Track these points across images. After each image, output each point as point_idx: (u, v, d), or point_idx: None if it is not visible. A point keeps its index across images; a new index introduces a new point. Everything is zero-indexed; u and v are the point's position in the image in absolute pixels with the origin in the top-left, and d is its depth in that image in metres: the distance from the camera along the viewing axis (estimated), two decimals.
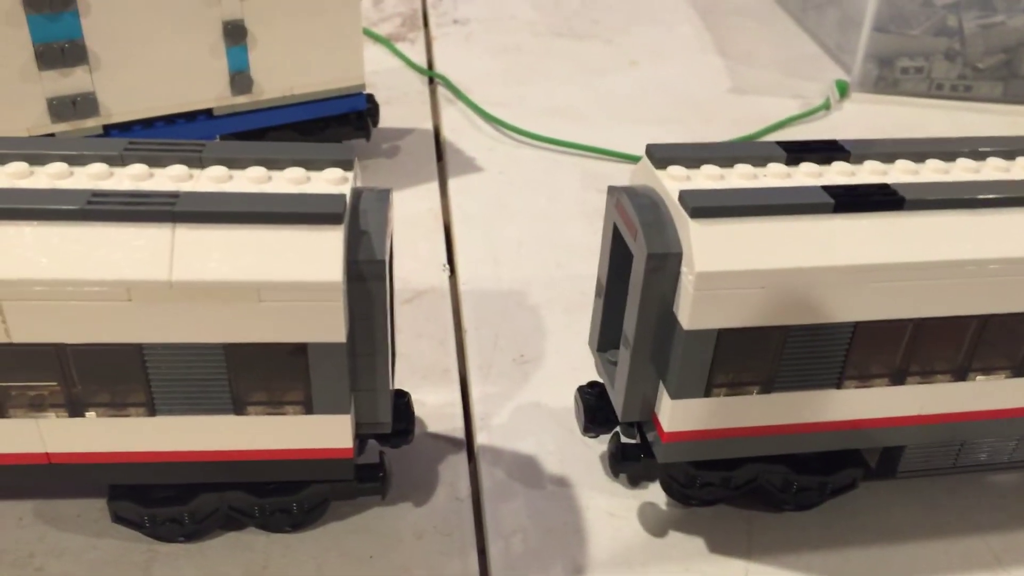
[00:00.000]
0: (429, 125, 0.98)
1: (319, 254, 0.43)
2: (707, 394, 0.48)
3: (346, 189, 0.45)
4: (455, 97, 1.03)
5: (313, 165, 0.47)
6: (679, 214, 0.46)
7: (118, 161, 0.46)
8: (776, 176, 0.48)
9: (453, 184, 0.88)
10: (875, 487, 0.57)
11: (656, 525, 0.55)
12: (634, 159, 0.93)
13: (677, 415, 0.48)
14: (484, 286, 0.74)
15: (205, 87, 0.79)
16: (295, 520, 0.52)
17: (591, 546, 0.53)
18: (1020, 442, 0.55)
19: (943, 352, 0.49)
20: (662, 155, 0.49)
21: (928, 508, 0.57)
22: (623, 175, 0.91)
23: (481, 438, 0.60)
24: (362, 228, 0.45)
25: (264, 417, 0.46)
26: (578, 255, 0.79)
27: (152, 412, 0.46)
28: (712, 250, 0.45)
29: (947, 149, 0.51)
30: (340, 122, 0.87)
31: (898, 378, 0.50)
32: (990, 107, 1.04)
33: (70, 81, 0.73)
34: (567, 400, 0.62)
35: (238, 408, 0.46)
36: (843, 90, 1.04)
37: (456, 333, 0.70)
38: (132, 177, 0.45)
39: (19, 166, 0.44)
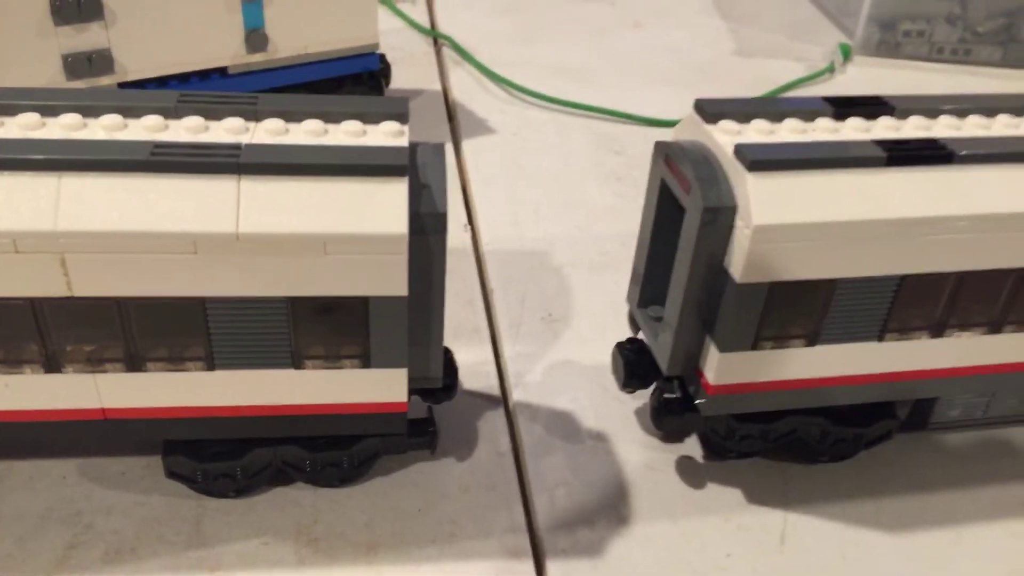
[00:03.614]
0: (438, 86, 0.98)
1: (384, 206, 0.43)
2: (754, 347, 0.49)
3: (404, 142, 0.45)
4: (462, 58, 1.02)
5: (369, 118, 0.46)
6: (734, 168, 0.46)
7: (172, 113, 0.45)
8: (824, 131, 0.49)
9: (467, 145, 0.88)
10: (903, 439, 0.58)
11: (694, 477, 0.56)
12: (645, 121, 0.93)
13: (723, 368, 0.49)
14: (506, 246, 0.75)
15: (220, 45, 0.78)
16: (344, 475, 0.52)
17: (632, 499, 0.54)
18: None
19: (981, 305, 0.51)
20: (712, 110, 0.49)
21: (954, 459, 0.58)
22: (635, 136, 0.91)
23: (517, 395, 0.61)
24: (422, 182, 0.45)
25: (322, 371, 0.46)
26: (596, 216, 0.79)
27: (211, 367, 0.46)
28: (770, 203, 0.45)
29: (987, 105, 0.52)
30: (354, 82, 0.86)
31: (937, 331, 0.51)
32: (990, 71, 1.05)
33: (86, 37, 0.72)
34: (597, 357, 0.63)
35: (296, 362, 0.46)
36: (847, 53, 1.05)
37: (482, 292, 0.70)
38: (188, 129, 0.44)
39: (73, 118, 0.44)
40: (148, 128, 0.44)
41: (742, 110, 0.49)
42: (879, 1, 1.04)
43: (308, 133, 0.45)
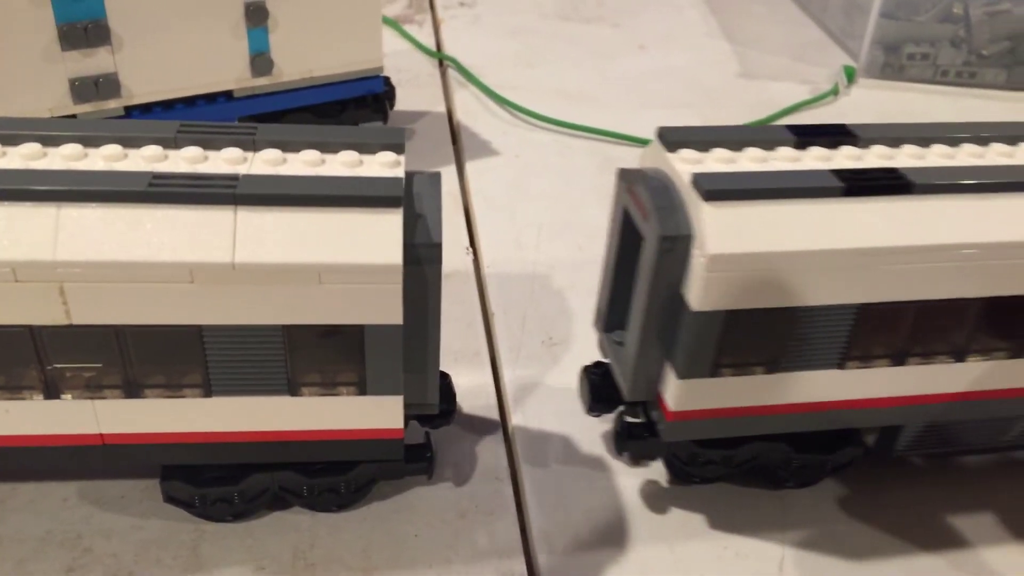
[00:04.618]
0: (442, 108, 0.98)
1: (379, 237, 0.43)
2: (713, 374, 0.49)
3: (400, 172, 0.46)
4: (466, 80, 1.03)
5: (366, 148, 0.47)
6: (691, 197, 0.46)
7: (172, 143, 0.46)
8: (785, 160, 0.49)
9: (470, 167, 0.89)
10: (913, 463, 0.58)
11: (693, 504, 0.56)
12: (648, 143, 0.93)
13: (682, 395, 0.49)
14: (508, 269, 0.75)
15: (226, 69, 0.79)
16: (342, 500, 0.52)
17: (630, 525, 0.54)
18: (1014, 423, 0.56)
19: (943, 334, 0.50)
20: (673, 138, 0.50)
21: (959, 483, 0.58)
22: (638, 159, 0.91)
23: (516, 419, 0.61)
24: (417, 211, 0.46)
25: (318, 398, 0.47)
26: (599, 239, 0.78)
27: (208, 393, 0.46)
28: (724, 232, 0.45)
29: (952, 134, 0.52)
30: (358, 104, 0.87)
31: (899, 359, 0.51)
32: (994, 94, 1.05)
33: (93, 62, 0.73)
34: None
35: (293, 389, 0.46)
36: (851, 76, 1.05)
37: (483, 316, 0.70)
38: (187, 160, 0.45)
39: (73, 148, 0.44)
40: (147, 158, 0.45)
41: (703, 138, 0.50)
42: (883, 24, 1.04)
43: (305, 163, 0.46)
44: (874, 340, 0.50)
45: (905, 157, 0.50)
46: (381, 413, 0.48)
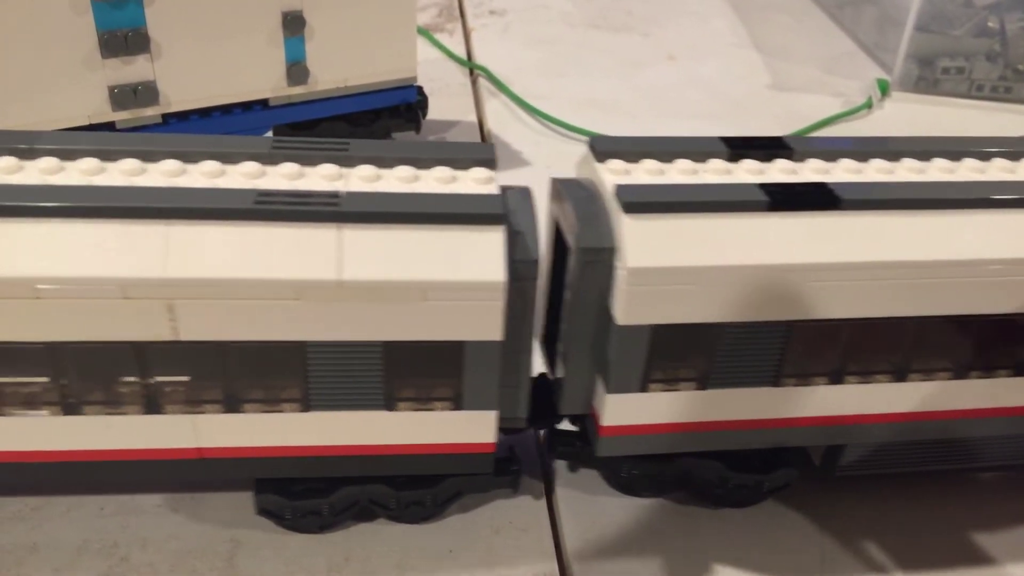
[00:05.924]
0: (473, 117, 0.98)
1: (483, 254, 0.42)
2: (643, 389, 0.48)
3: (495, 189, 0.45)
4: (497, 89, 1.02)
5: (458, 164, 0.46)
6: (614, 208, 0.45)
7: (267, 159, 0.45)
8: (716, 172, 0.48)
9: (501, 178, 0.87)
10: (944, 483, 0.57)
11: (733, 526, 0.54)
12: None
13: (613, 409, 0.48)
14: (541, 282, 0.74)
15: (262, 77, 0.78)
16: (427, 512, 0.52)
17: (666, 545, 0.53)
18: (967, 444, 0.55)
19: (881, 353, 0.49)
20: (604, 148, 0.49)
21: (987, 499, 0.57)
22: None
23: None
24: (515, 228, 0.45)
25: (414, 413, 0.46)
26: None
27: (306, 408, 0.45)
28: (644, 245, 0.44)
29: (892, 149, 0.51)
30: (391, 114, 0.86)
31: (836, 377, 0.49)
32: None
33: (132, 69, 0.71)
34: None
35: (389, 404, 0.46)
36: (884, 89, 1.05)
37: None
38: (285, 176, 0.44)
39: (173, 164, 0.44)
40: (246, 175, 0.44)
41: (634, 149, 0.49)
42: (918, 37, 1.04)
43: (400, 180, 0.45)
44: (809, 358, 0.48)
45: (841, 172, 0.49)
46: (475, 428, 0.47)
